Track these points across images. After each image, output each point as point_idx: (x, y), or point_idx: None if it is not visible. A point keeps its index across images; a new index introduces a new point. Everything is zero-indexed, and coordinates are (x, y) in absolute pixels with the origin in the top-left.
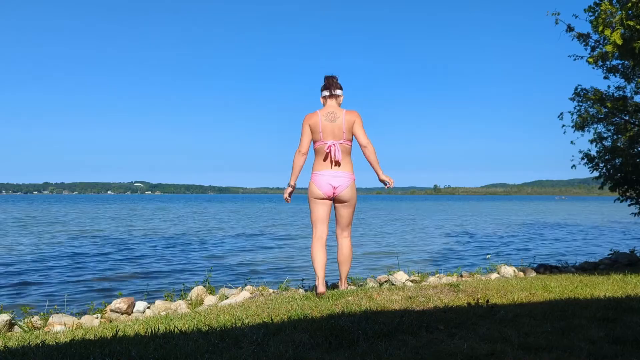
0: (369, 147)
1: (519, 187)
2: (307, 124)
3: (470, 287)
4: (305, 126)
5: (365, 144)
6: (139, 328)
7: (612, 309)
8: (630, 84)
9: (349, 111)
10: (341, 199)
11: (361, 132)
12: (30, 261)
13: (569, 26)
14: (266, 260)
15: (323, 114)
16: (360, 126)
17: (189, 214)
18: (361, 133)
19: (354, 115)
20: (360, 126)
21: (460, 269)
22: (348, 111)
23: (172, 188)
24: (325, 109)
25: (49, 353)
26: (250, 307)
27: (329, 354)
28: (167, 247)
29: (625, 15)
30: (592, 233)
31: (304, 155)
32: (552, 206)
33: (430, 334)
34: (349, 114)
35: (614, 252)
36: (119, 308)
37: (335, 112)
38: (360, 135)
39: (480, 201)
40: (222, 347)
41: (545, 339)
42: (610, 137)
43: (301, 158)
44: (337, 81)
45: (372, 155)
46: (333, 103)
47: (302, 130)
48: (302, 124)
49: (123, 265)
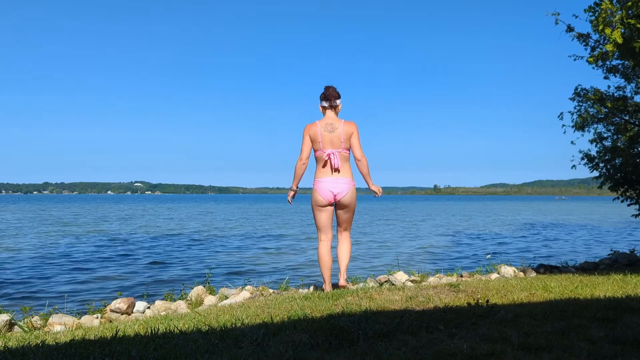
0: (363, 161)
1: (519, 187)
2: (307, 134)
3: (470, 287)
4: (305, 136)
5: (359, 157)
6: (139, 328)
7: (612, 309)
8: (630, 84)
9: (347, 122)
10: (342, 205)
11: (357, 145)
12: (31, 261)
13: (569, 26)
14: (266, 260)
15: (322, 125)
16: (356, 138)
17: (194, 214)
18: (357, 146)
19: (352, 127)
20: (356, 138)
21: (460, 269)
22: (346, 122)
23: (172, 188)
24: (324, 119)
25: (49, 353)
26: (250, 307)
27: (329, 354)
28: (168, 247)
29: (626, 15)
30: (592, 233)
31: (304, 163)
32: (552, 206)
33: (430, 334)
34: (347, 125)
35: (614, 252)
36: (119, 308)
37: (334, 123)
38: (356, 149)
39: (480, 201)
40: (222, 347)
41: (545, 339)
42: (610, 137)
43: (302, 166)
44: (336, 90)
45: (364, 169)
46: (332, 114)
47: (302, 139)
48: (303, 134)
49: (123, 265)
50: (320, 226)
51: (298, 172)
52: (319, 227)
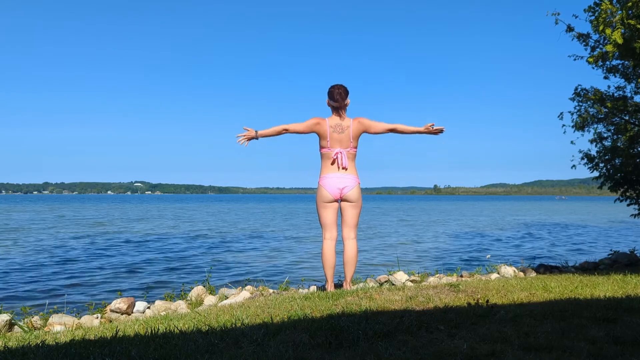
0: (397, 126)
1: (519, 187)
2: (313, 125)
3: (470, 287)
4: (310, 125)
5: (391, 127)
6: (139, 328)
7: (612, 309)
8: (630, 84)
9: (355, 120)
10: (348, 199)
11: (377, 126)
12: (30, 262)
13: (569, 26)
14: (266, 260)
15: (331, 125)
16: (371, 124)
17: (196, 215)
18: (378, 126)
19: (361, 124)
20: (371, 124)
21: (460, 269)
22: (355, 120)
23: (172, 188)
24: (333, 119)
25: (49, 353)
26: (250, 307)
27: (329, 354)
28: (168, 246)
29: (626, 15)
30: (592, 233)
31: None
32: (552, 206)
33: (430, 334)
34: (355, 123)
35: (614, 252)
36: (119, 308)
37: (342, 124)
38: (379, 127)
39: (480, 201)
40: (222, 347)
41: (545, 339)
42: (610, 137)
43: (282, 131)
44: (344, 90)
45: (403, 127)
46: (340, 114)
47: (306, 122)
48: (309, 120)
49: (123, 265)
50: (324, 223)
51: (275, 129)
52: (324, 225)
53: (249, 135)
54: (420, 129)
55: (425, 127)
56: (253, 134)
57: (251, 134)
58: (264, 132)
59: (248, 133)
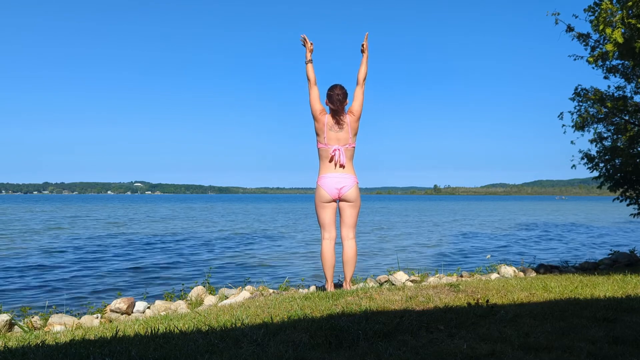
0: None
1: (519, 187)
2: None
3: (470, 287)
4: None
5: (359, 85)
6: (139, 328)
7: (612, 309)
8: (630, 84)
9: (348, 113)
10: (346, 199)
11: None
12: (31, 261)
13: (569, 26)
14: (266, 260)
15: (329, 124)
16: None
17: (197, 214)
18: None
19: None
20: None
21: (460, 269)
22: (348, 114)
23: (172, 188)
24: (330, 119)
25: (49, 353)
26: (250, 307)
27: (329, 354)
28: (168, 246)
29: (626, 14)
30: (592, 233)
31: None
32: (552, 206)
33: (430, 334)
34: (349, 117)
35: (614, 252)
36: (119, 308)
37: (340, 124)
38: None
39: (480, 201)
40: (222, 347)
41: (545, 339)
42: (610, 137)
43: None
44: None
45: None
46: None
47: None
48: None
49: (123, 264)
50: (323, 223)
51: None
52: (323, 225)
53: (308, 46)
54: (363, 56)
55: (362, 51)
56: (310, 49)
57: (309, 47)
58: (311, 65)
59: (309, 45)
